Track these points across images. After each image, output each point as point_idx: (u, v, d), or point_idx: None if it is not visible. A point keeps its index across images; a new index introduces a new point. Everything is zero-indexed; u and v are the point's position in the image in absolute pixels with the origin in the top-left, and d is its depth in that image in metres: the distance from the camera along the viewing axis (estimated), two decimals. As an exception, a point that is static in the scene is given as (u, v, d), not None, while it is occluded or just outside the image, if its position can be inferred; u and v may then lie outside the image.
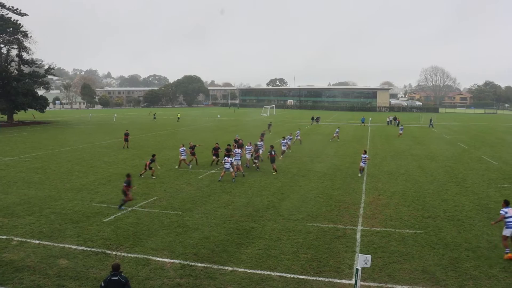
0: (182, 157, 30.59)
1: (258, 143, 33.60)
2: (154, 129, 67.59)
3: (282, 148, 36.38)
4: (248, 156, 31.88)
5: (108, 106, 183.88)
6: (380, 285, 12.45)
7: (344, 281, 12.70)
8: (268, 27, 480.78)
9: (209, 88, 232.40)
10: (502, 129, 73.65)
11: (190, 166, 30.91)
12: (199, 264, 13.79)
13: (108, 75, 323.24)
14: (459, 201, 21.95)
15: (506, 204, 15.10)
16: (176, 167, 31.05)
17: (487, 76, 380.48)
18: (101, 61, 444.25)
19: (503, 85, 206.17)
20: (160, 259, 14.19)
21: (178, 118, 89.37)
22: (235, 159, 27.84)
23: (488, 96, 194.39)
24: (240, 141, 35.14)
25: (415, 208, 20.62)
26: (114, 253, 14.68)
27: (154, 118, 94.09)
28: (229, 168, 26.47)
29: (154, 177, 27.19)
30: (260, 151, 32.38)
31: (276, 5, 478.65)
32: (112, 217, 18.83)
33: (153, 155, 28.74)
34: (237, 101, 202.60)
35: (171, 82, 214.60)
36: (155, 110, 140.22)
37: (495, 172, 30.07)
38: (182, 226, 17.64)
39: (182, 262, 13.98)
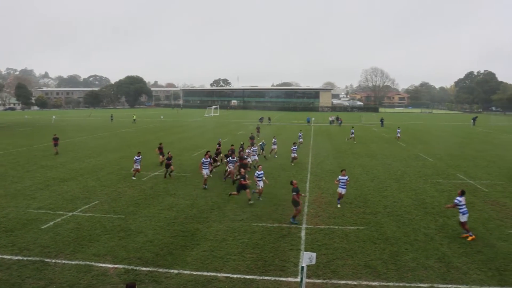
0: (136, 167, 27.32)
1: (248, 150, 31.59)
2: (96, 131, 65.46)
3: (293, 155, 33.79)
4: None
5: (46, 107, 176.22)
6: (324, 281, 12.72)
7: (290, 279, 12.86)
8: (211, 27, 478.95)
9: (152, 88, 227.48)
10: (437, 127, 77.54)
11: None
12: (144, 268, 13.50)
13: (46, 75, 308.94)
14: (398, 197, 22.87)
15: (462, 193, 16.49)
16: (133, 178, 27.61)
17: (423, 77, 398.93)
18: (37, 61, 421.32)
19: (437, 86, 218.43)
20: (103, 265, 13.75)
21: (134, 119, 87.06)
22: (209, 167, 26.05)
23: (424, 96, 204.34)
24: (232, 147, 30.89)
25: (357, 205, 21.25)
26: (53, 261, 14.05)
27: (111, 119, 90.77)
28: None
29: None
30: (252, 158, 30.88)
31: (218, 5, 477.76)
32: (51, 223, 18.04)
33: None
34: (181, 102, 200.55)
35: (113, 83, 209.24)
36: (94, 111, 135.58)
37: (431, 169, 31.59)
38: (125, 230, 17.21)
39: (126, 267, 13.62)
